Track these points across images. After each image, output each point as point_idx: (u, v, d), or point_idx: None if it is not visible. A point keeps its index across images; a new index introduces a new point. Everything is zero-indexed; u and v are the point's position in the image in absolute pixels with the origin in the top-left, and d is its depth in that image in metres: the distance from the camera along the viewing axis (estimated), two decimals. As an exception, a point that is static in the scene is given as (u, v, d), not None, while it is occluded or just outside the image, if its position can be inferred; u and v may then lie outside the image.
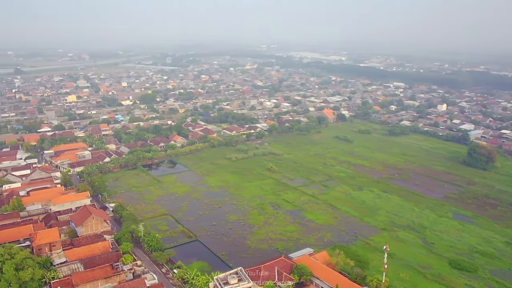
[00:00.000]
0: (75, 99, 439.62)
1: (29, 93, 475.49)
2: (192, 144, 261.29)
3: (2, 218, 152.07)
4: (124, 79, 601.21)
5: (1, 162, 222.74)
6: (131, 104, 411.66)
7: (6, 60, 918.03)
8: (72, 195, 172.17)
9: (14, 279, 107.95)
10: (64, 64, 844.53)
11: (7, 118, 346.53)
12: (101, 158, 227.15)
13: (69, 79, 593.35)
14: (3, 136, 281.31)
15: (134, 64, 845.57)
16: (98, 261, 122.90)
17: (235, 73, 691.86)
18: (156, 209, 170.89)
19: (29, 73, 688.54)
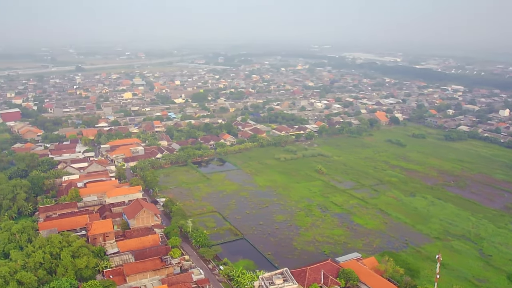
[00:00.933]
0: (131, 96, 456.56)
1: (88, 90, 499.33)
2: (242, 143, 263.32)
3: (61, 207, 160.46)
4: (178, 77, 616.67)
5: (62, 154, 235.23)
6: (183, 102, 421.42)
7: (68, 58, 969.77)
8: (126, 188, 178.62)
9: (71, 266, 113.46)
10: (122, 63, 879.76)
11: (68, 113, 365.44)
12: (153, 154, 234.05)
13: (125, 77, 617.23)
14: (64, 130, 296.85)
15: (187, 63, 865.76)
16: (148, 253, 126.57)
17: (286, 73, 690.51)
18: (204, 206, 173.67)
19: (89, 70, 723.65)
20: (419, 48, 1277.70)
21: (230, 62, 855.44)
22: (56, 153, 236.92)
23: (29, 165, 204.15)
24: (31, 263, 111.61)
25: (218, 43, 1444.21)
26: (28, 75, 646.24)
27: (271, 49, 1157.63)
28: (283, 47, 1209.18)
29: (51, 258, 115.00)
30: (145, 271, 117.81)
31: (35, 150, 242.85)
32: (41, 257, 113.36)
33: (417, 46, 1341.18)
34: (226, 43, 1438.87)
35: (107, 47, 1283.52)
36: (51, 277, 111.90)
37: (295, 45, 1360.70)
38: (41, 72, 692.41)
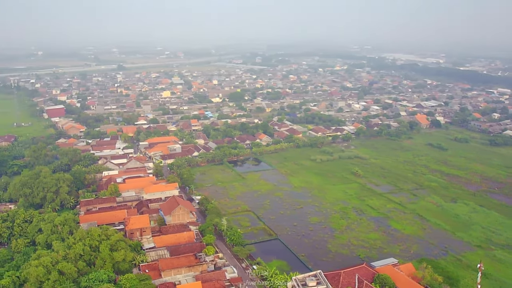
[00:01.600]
0: (169, 94, 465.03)
1: (129, 88, 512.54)
2: (277, 143, 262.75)
3: (101, 201, 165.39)
4: (215, 77, 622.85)
5: (102, 150, 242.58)
6: (220, 102, 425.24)
7: (111, 57, 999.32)
8: (163, 185, 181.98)
9: (109, 259, 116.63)
10: (161, 62, 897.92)
11: (109, 110, 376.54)
12: (190, 152, 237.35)
13: (164, 76, 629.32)
14: (105, 126, 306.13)
15: (225, 63, 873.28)
16: (183, 249, 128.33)
17: (323, 74, 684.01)
18: (239, 205, 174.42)
19: (130, 69, 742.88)
20: (464, 49, 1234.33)
21: (268, 62, 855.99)
22: (97, 149, 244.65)
23: (72, 160, 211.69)
24: (72, 254, 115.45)
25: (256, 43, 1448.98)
26: (72, 73, 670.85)
27: (309, 49, 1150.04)
28: (321, 48, 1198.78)
29: (90, 251, 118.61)
30: (179, 267, 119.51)
31: (77, 145, 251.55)
32: (81, 249, 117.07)
33: (462, 47, 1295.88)
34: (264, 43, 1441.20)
35: (147, 46, 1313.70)
36: (90, 268, 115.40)
37: (333, 45, 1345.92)
38: (85, 70, 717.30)
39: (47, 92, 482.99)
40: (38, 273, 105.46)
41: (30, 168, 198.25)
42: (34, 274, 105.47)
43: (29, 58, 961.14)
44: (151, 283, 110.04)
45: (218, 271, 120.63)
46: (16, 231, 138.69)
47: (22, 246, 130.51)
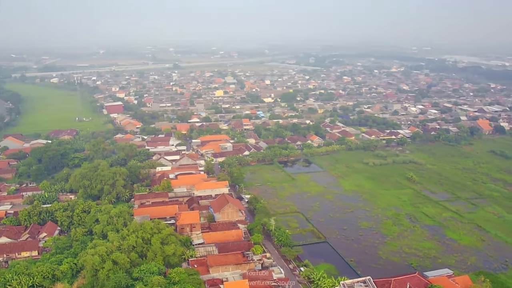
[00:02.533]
0: (222, 94, 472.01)
1: (183, 86, 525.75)
2: (329, 145, 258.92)
3: (154, 196, 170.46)
4: (268, 77, 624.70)
5: (157, 146, 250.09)
6: (272, 102, 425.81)
7: (167, 56, 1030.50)
8: (213, 182, 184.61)
9: (160, 252, 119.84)
10: (215, 61, 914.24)
11: (164, 108, 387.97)
12: (241, 151, 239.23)
13: (218, 75, 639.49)
14: (160, 123, 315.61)
15: (278, 63, 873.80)
16: (231, 247, 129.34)
17: (379, 76, 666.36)
18: (288, 206, 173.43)
19: (185, 68, 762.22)
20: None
21: (321, 63, 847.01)
22: (152, 145, 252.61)
23: (128, 155, 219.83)
24: (125, 245, 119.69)
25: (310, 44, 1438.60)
26: (131, 71, 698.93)
27: (364, 50, 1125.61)
28: (377, 49, 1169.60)
29: (142, 243, 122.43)
30: (227, 264, 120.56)
31: (133, 141, 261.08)
32: (134, 241, 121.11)
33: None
34: (318, 44, 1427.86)
35: (203, 46, 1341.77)
36: (142, 260, 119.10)
37: (390, 46, 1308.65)
38: (142, 68, 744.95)
39: (107, 89, 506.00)
40: (94, 262, 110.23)
41: (89, 161, 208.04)
42: (90, 262, 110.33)
43: (91, 57, 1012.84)
44: (199, 278, 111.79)
45: (266, 270, 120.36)
46: (75, 220, 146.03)
47: (80, 235, 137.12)
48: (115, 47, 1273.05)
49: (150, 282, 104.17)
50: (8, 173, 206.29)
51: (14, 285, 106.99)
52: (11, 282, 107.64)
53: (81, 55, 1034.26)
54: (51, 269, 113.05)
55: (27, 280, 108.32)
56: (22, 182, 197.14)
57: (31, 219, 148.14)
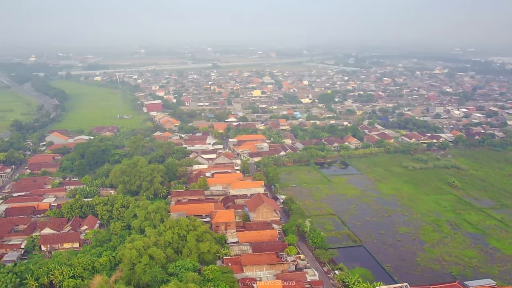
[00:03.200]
0: (260, 94, 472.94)
1: (221, 86, 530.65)
2: (367, 148, 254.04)
3: (190, 193, 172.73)
4: (306, 77, 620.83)
5: (194, 145, 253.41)
6: (309, 102, 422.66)
7: (206, 55, 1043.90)
8: (249, 182, 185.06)
9: (195, 249, 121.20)
10: (253, 61, 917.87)
11: (202, 107, 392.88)
12: (277, 151, 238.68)
13: (256, 75, 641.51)
14: (197, 122, 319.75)
15: (316, 63, 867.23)
16: (266, 247, 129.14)
17: (421, 77, 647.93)
18: (323, 208, 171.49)
19: (223, 67, 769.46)
20: None
21: (361, 64, 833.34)
22: (189, 143, 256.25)
23: (166, 152, 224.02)
24: (162, 241, 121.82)
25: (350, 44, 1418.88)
26: (170, 71, 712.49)
27: (406, 51, 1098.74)
28: (419, 50, 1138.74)
29: (178, 239, 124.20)
30: (261, 264, 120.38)
31: (171, 139, 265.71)
32: (170, 237, 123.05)
33: None
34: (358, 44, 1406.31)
35: (241, 46, 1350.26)
36: (177, 256, 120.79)
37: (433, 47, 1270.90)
38: (182, 68, 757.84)
39: (147, 87, 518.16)
40: (131, 256, 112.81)
41: (129, 158, 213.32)
42: (128, 256, 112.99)
43: (133, 56, 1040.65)
44: (233, 277, 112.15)
45: (299, 272, 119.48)
46: (115, 215, 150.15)
47: (118, 229, 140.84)
48: (156, 46, 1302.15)
49: (185, 278, 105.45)
50: (52, 167, 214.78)
51: (56, 275, 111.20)
52: (54, 272, 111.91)
53: (124, 54, 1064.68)
54: (91, 261, 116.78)
55: (69, 270, 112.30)
56: (65, 176, 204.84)
57: (73, 212, 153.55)
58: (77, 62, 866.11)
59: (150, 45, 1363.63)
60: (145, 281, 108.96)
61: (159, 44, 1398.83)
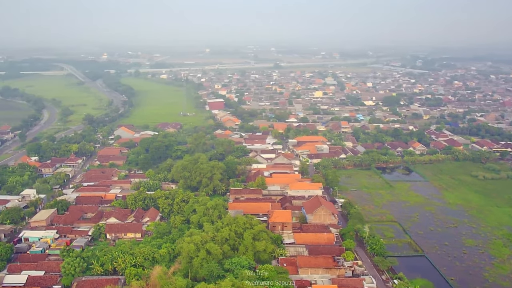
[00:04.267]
0: (321, 95, 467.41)
1: (283, 86, 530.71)
2: (433, 154, 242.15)
3: (248, 192, 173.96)
4: (370, 79, 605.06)
5: (254, 144, 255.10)
6: (373, 105, 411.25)
7: (269, 55, 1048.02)
8: (307, 183, 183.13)
9: (251, 247, 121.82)
10: (316, 62, 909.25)
11: (263, 106, 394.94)
12: (337, 154, 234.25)
13: (318, 76, 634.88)
14: (258, 121, 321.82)
15: (381, 65, 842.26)
16: (322, 250, 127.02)
17: (496, 81, 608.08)
18: (384, 214, 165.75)
19: (285, 68, 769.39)
20: None
21: (429, 66, 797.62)
22: (249, 142, 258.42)
23: (226, 150, 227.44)
24: (219, 237, 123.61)
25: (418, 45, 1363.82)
26: (233, 70, 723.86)
27: (480, 53, 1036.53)
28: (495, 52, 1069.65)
29: (235, 236, 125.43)
30: (317, 267, 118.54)
31: (232, 137, 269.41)
32: (227, 233, 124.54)
33: None
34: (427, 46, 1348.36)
35: (303, 46, 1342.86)
36: (233, 253, 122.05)
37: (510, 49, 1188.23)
38: (244, 67, 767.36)
39: (210, 86, 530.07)
40: (189, 249, 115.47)
41: (190, 154, 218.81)
42: (186, 250, 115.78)
43: (198, 55, 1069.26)
44: (287, 277, 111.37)
45: (356, 278, 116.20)
46: (175, 209, 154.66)
47: (178, 223, 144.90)
48: (220, 46, 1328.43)
49: (241, 275, 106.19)
50: (119, 160, 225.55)
51: (120, 263, 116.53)
52: (117, 260, 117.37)
53: (189, 53, 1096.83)
54: (152, 252, 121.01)
55: (131, 259, 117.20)
56: (130, 169, 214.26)
57: (136, 203, 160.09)
58: (145, 60, 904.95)
59: (215, 44, 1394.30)
60: (202, 275, 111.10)
61: (224, 44, 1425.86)
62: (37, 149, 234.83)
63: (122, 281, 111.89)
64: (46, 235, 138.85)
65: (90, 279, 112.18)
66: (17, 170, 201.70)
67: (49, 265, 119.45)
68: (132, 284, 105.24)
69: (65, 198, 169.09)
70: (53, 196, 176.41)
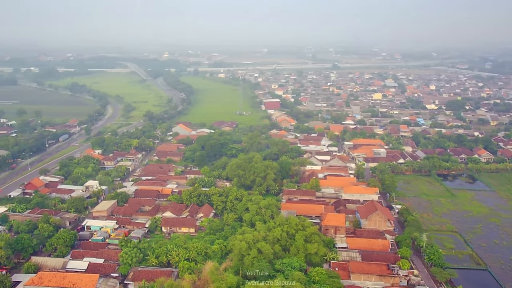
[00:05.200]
0: (380, 97, 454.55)
1: (340, 87, 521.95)
2: (501, 162, 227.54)
3: (302, 193, 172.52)
4: (433, 82, 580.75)
5: (308, 145, 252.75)
6: (435, 109, 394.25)
7: (327, 56, 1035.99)
8: (362, 187, 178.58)
9: (302, 248, 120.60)
10: (376, 63, 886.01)
11: (319, 108, 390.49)
12: (395, 158, 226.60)
13: (378, 78, 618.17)
14: (313, 122, 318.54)
15: (446, 67, 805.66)
16: (376, 257, 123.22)
17: None
18: (444, 223, 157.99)
19: (343, 68, 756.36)
20: None
21: (500, 69, 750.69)
22: (304, 143, 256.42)
23: (281, 150, 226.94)
24: (271, 237, 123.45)
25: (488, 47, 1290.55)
26: (290, 70, 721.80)
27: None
28: None
29: (287, 237, 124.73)
30: (370, 273, 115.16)
31: (287, 137, 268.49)
32: (279, 234, 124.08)
33: None
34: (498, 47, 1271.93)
35: (363, 46, 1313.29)
36: (285, 253, 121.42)
37: None
38: (301, 68, 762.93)
39: (267, 86, 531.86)
40: (241, 247, 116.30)
41: (245, 153, 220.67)
42: (238, 247, 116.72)
43: (255, 55, 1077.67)
44: (339, 282, 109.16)
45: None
46: (228, 206, 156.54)
47: (231, 220, 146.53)
48: (278, 46, 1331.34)
49: (291, 277, 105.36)
50: (176, 156, 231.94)
51: (174, 256, 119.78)
52: (171, 253, 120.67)
53: (247, 53, 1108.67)
54: (205, 247, 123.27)
55: (184, 253, 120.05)
56: (187, 165, 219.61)
57: (191, 199, 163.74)
58: (204, 60, 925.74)
59: (272, 44, 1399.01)
60: (252, 274, 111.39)
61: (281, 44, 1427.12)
62: (100, 143, 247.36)
63: (176, 274, 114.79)
64: (106, 225, 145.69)
65: (145, 270, 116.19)
66: (82, 162, 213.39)
67: (108, 253, 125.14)
68: (185, 277, 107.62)
69: (125, 190, 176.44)
70: (113, 188, 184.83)
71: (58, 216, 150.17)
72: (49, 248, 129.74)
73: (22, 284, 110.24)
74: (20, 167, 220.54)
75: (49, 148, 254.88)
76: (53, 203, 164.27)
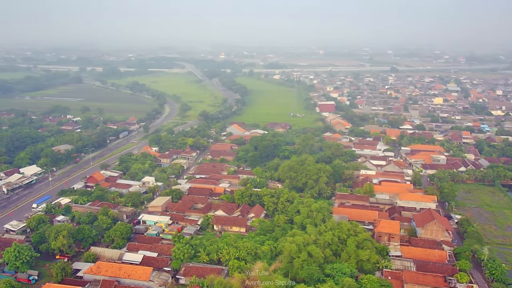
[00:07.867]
0: (441, 101, 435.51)
1: (399, 91, 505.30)
2: None
3: (355, 198, 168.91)
4: (500, 86, 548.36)
5: (363, 149, 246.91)
6: (502, 115, 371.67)
7: (385, 58, 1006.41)
8: (419, 195, 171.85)
9: (354, 254, 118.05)
10: (438, 66, 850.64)
11: (376, 111, 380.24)
12: (456, 166, 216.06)
13: (439, 81, 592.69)
14: (369, 126, 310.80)
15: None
16: (432, 268, 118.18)
17: None
18: (508, 237, 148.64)
19: (402, 71, 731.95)
20: None
21: None
22: (358, 147, 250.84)
23: (334, 154, 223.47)
24: (321, 241, 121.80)
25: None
26: (346, 72, 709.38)
27: None
28: None
29: (338, 242, 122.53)
30: (425, 284, 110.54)
31: (341, 141, 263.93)
32: (330, 238, 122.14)
33: None
34: None
35: (424, 49, 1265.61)
36: (335, 258, 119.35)
37: None
38: (358, 70, 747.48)
39: (322, 88, 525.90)
40: (291, 249, 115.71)
41: (297, 155, 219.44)
42: (288, 249, 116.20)
43: (311, 56, 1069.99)
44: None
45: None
46: (279, 208, 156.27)
47: (282, 222, 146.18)
48: (334, 48, 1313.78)
49: (341, 282, 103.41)
50: (230, 156, 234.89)
51: (224, 254, 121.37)
52: (222, 251, 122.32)
53: (303, 55, 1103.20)
54: (255, 247, 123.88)
55: (234, 252, 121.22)
56: (239, 165, 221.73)
57: (243, 199, 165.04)
58: (259, 61, 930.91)
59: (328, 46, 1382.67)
60: (302, 277, 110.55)
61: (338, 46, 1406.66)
62: (157, 141, 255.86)
63: (226, 272, 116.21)
64: (161, 220, 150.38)
65: (196, 266, 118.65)
66: (139, 158, 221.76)
67: (162, 248, 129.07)
68: (235, 276, 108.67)
69: (179, 187, 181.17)
70: (168, 185, 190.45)
71: (116, 210, 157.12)
72: (107, 239, 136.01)
73: (82, 272, 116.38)
74: (83, 161, 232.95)
75: (110, 144, 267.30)
76: (112, 196, 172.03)
